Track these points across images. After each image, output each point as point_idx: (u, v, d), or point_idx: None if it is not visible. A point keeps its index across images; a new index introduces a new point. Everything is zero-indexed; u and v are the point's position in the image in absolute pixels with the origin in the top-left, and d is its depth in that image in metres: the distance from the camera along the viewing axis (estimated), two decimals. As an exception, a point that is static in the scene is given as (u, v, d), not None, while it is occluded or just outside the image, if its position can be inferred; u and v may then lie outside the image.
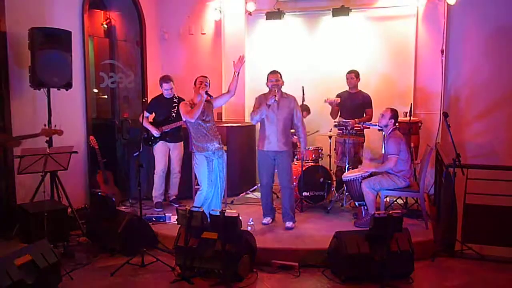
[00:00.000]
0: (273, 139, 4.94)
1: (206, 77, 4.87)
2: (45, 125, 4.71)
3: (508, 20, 6.01)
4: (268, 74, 5.01)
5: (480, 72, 6.19)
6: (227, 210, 4.14)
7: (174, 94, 5.74)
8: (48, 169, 4.67)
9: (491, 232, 4.57)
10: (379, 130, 5.25)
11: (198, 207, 4.20)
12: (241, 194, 6.30)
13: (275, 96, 4.81)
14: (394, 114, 5.01)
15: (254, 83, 7.07)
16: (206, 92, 4.71)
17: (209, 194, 4.80)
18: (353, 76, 6.02)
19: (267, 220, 5.11)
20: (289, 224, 4.95)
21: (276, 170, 5.09)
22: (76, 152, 4.95)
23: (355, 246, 3.99)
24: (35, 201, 4.87)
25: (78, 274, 4.16)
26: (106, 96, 6.94)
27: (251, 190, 6.43)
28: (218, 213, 4.07)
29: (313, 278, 4.11)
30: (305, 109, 5.80)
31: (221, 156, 4.92)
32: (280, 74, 5.00)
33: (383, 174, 5.04)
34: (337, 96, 6.05)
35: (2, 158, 4.91)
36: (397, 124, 5.20)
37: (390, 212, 4.06)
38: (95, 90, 6.64)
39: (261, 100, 4.99)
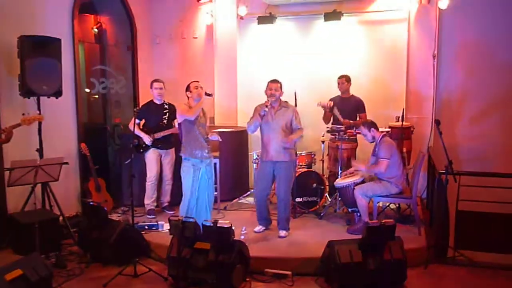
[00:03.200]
0: (270, 148, 4.90)
1: (198, 82, 4.87)
2: (23, 114, 4.52)
3: (499, 24, 6.04)
4: (268, 82, 4.92)
5: (472, 76, 6.22)
6: (219, 220, 4.12)
7: (164, 101, 5.69)
8: (38, 181, 4.61)
9: (484, 238, 4.59)
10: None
11: (191, 218, 4.18)
12: (234, 200, 6.27)
13: (267, 106, 4.79)
14: (368, 124, 5.05)
15: (246, 87, 7.06)
16: (206, 93, 4.73)
17: (192, 203, 4.78)
18: (344, 81, 6.00)
19: (259, 228, 5.10)
20: (282, 233, 4.93)
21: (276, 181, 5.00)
22: (67, 163, 4.90)
23: (348, 255, 3.99)
24: (26, 210, 4.83)
25: (70, 285, 4.12)
26: (97, 96, 6.82)
27: (244, 196, 6.41)
28: (211, 224, 4.05)
29: (306, 287, 4.12)
30: None
31: (209, 164, 4.90)
32: (281, 84, 4.90)
33: (376, 180, 5.05)
34: (330, 100, 6.03)
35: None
36: (389, 130, 5.20)
37: (383, 221, 4.06)
38: (87, 90, 6.55)
39: (258, 110, 4.92)
